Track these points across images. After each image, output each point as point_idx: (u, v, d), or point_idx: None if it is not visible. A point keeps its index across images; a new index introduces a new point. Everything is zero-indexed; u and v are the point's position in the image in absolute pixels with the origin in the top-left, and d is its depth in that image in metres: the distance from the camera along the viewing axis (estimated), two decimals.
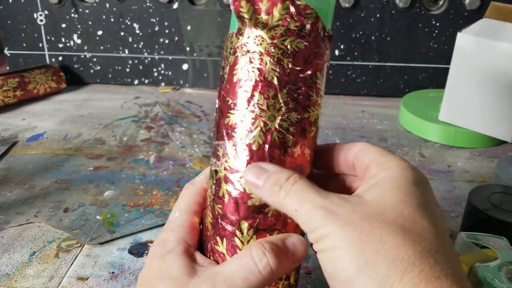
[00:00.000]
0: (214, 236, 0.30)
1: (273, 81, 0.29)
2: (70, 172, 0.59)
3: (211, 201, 0.30)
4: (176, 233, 0.31)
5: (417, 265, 0.22)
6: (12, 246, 0.46)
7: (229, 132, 0.29)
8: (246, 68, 0.29)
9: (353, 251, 0.23)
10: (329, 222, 0.24)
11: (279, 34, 0.29)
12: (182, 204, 0.32)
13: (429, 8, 0.77)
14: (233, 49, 0.29)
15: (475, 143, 0.66)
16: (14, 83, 0.76)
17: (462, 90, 0.65)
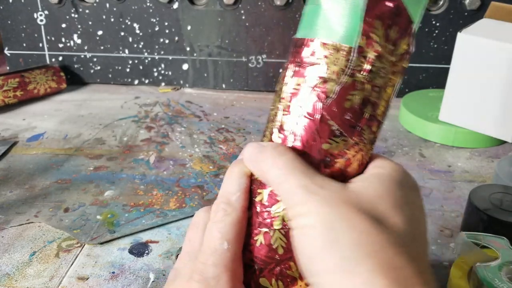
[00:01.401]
0: (288, 261, 0.27)
1: (379, 117, 0.27)
2: (70, 172, 0.59)
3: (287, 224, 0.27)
4: (230, 271, 0.27)
5: (380, 253, 0.22)
6: (13, 246, 0.46)
7: (327, 159, 0.27)
8: (363, 98, 0.26)
9: (322, 229, 0.23)
10: (308, 201, 0.24)
11: (398, 71, 0.27)
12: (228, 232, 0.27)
13: (429, 8, 0.77)
14: (352, 70, 0.26)
15: (475, 143, 0.66)
16: (14, 83, 0.76)
17: (462, 90, 0.65)
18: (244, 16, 0.80)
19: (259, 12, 0.80)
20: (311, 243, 0.23)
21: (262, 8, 0.79)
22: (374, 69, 0.26)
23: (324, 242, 0.23)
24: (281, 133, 0.28)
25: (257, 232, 0.28)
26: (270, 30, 0.80)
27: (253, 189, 0.29)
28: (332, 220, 0.23)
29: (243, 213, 0.28)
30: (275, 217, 0.27)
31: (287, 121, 0.28)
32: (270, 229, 0.27)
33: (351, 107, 0.26)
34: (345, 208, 0.24)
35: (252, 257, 0.28)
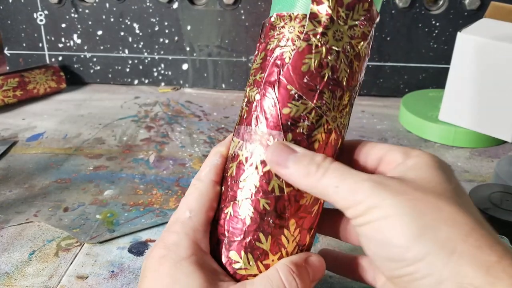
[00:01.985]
0: (256, 232, 0.27)
1: (342, 82, 0.28)
2: (70, 172, 0.58)
3: (254, 193, 0.28)
4: (190, 238, 0.28)
5: (477, 230, 0.22)
6: (12, 245, 0.46)
7: (288, 124, 0.27)
8: (319, 61, 0.27)
9: (409, 217, 0.23)
10: (379, 192, 0.24)
11: (357, 35, 0.28)
12: (193, 202, 0.29)
13: (429, 8, 0.77)
14: (306, 35, 0.27)
15: (475, 143, 0.66)
16: (14, 83, 0.76)
17: (462, 90, 0.65)
18: (244, 16, 0.80)
19: (259, 12, 0.80)
20: (400, 233, 0.23)
21: (262, 8, 0.79)
22: (328, 32, 0.27)
23: (415, 229, 0.22)
24: (247, 106, 0.29)
25: (227, 205, 0.28)
26: None
27: (226, 166, 0.30)
28: (415, 207, 0.23)
29: (211, 186, 0.29)
30: (243, 187, 0.28)
31: (252, 93, 0.28)
32: (238, 200, 0.28)
33: (308, 70, 0.27)
34: (422, 194, 0.24)
35: (222, 230, 0.28)
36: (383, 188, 0.24)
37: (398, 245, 0.23)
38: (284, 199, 0.27)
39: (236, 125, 0.30)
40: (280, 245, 0.28)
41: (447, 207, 0.23)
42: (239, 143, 0.29)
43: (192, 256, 0.27)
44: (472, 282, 0.21)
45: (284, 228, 0.28)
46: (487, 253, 0.22)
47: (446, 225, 0.22)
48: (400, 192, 0.24)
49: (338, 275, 0.38)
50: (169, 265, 0.26)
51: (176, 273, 0.26)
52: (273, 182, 0.27)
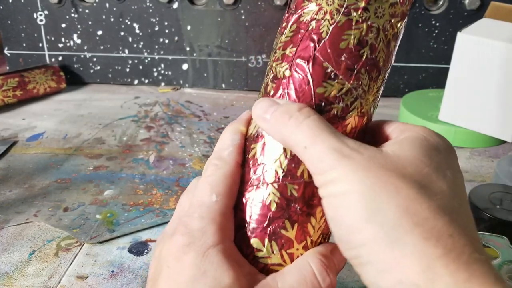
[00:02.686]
0: (282, 219, 0.26)
1: (379, 63, 0.26)
2: (70, 172, 0.58)
3: (281, 177, 0.26)
4: (217, 223, 0.25)
5: (430, 220, 0.21)
6: (12, 245, 0.46)
7: (321, 105, 0.25)
8: (359, 38, 0.25)
9: (364, 197, 0.21)
10: (342, 165, 0.22)
11: (397, 14, 0.26)
12: (219, 185, 0.26)
13: (429, 8, 0.77)
14: (347, 9, 0.25)
15: (475, 143, 0.66)
16: (14, 83, 0.76)
17: (462, 90, 0.65)
18: (244, 16, 0.80)
19: (259, 12, 0.80)
20: (351, 212, 0.21)
21: (262, 8, 0.79)
22: (370, 7, 0.25)
23: (366, 211, 0.21)
24: (274, 82, 0.26)
25: (249, 189, 0.26)
26: (270, 30, 0.80)
27: (247, 146, 0.27)
28: (373, 186, 0.21)
29: (236, 167, 0.27)
30: (268, 170, 0.26)
31: (281, 69, 0.26)
32: (263, 183, 0.26)
33: (346, 47, 0.25)
34: (386, 173, 0.22)
35: (244, 216, 0.26)
36: (347, 161, 0.22)
37: (347, 224, 0.22)
38: (312, 185, 0.25)
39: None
40: (306, 233, 0.26)
41: (406, 190, 0.21)
42: None
43: (219, 245, 0.25)
44: (409, 277, 0.20)
45: (311, 216, 0.26)
46: (433, 245, 0.20)
47: (397, 211, 0.21)
48: (363, 168, 0.22)
49: (338, 275, 0.38)
50: (195, 254, 0.24)
51: (203, 264, 0.24)
52: (302, 167, 0.25)
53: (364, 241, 0.21)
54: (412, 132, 0.25)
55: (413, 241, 0.20)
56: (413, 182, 0.22)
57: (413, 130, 0.25)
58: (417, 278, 0.20)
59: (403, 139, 0.24)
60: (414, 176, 0.22)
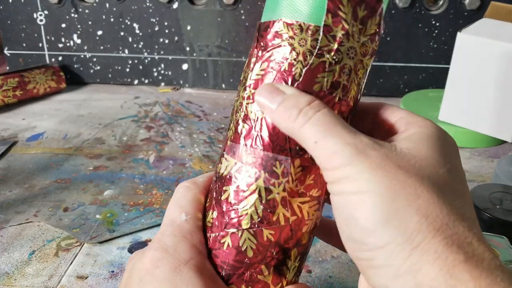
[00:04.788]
0: (259, 265, 0.26)
1: (350, 103, 0.25)
2: (70, 172, 0.58)
3: (257, 223, 0.25)
4: (189, 241, 0.26)
5: (451, 227, 0.20)
6: (12, 245, 0.46)
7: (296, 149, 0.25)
8: (332, 81, 0.25)
9: (381, 198, 0.20)
10: (358, 162, 0.21)
11: (368, 52, 0.25)
12: (188, 205, 0.27)
13: (429, 8, 0.77)
14: (320, 50, 0.24)
15: (475, 143, 0.66)
16: (14, 83, 0.76)
17: (462, 90, 0.65)
18: (244, 16, 0.80)
19: (259, 12, 0.79)
20: (367, 213, 0.21)
21: (262, 8, 0.79)
22: (343, 49, 0.24)
23: (384, 213, 0.20)
24: (246, 122, 0.26)
25: (223, 234, 0.26)
26: None
27: (218, 187, 0.27)
28: (392, 188, 0.21)
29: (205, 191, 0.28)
30: (243, 215, 0.25)
31: (253, 109, 0.26)
32: (238, 229, 0.25)
33: (320, 90, 0.24)
34: (404, 174, 0.21)
35: (219, 262, 0.26)
36: (363, 158, 0.21)
37: (362, 226, 0.21)
38: (288, 229, 0.25)
39: (229, 141, 0.27)
40: (282, 275, 0.26)
41: (426, 194, 0.21)
42: (236, 165, 0.26)
43: (191, 261, 0.25)
44: (431, 284, 0.19)
45: (287, 258, 0.26)
46: (454, 251, 0.20)
47: (418, 215, 0.20)
48: (380, 167, 0.21)
49: (338, 275, 0.38)
50: (168, 269, 0.24)
51: (174, 279, 0.24)
52: (279, 211, 0.25)
53: (381, 244, 0.20)
54: (422, 127, 0.24)
55: (435, 247, 0.20)
56: (432, 185, 0.21)
57: (423, 125, 0.24)
58: (436, 283, 0.19)
59: (415, 135, 0.23)
60: (432, 178, 0.21)
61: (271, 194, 0.25)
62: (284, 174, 0.25)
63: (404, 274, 0.20)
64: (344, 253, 0.45)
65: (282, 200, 0.25)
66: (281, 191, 0.25)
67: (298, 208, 0.25)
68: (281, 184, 0.25)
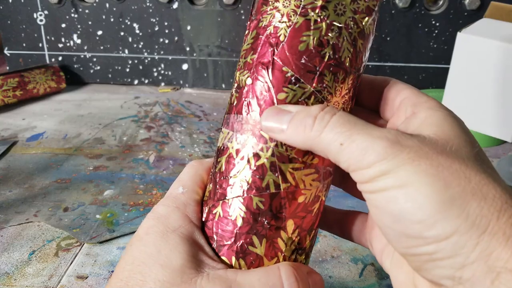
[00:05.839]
0: (249, 234, 0.25)
1: (345, 63, 0.24)
2: (70, 172, 0.58)
3: (246, 190, 0.24)
4: (181, 210, 0.26)
5: (510, 204, 0.19)
6: (12, 245, 0.46)
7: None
8: (319, 39, 0.24)
9: (431, 187, 0.19)
10: (395, 155, 0.20)
11: (361, 10, 0.24)
12: (187, 179, 0.28)
13: (429, 8, 0.77)
14: (303, 9, 0.24)
15: None
16: (14, 83, 0.76)
17: (462, 90, 0.65)
18: (244, 16, 0.80)
19: None
20: (420, 207, 0.19)
21: None
22: (329, 5, 0.24)
23: (440, 204, 0.19)
24: (237, 91, 0.25)
25: (216, 205, 0.26)
26: None
27: (214, 161, 0.27)
28: (440, 175, 0.19)
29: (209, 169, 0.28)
30: (233, 184, 0.25)
31: (243, 77, 0.25)
32: (228, 198, 0.25)
33: (306, 49, 0.24)
34: (447, 159, 0.20)
35: (211, 233, 0.26)
36: (400, 149, 0.20)
37: (417, 220, 0.20)
38: (280, 196, 0.24)
39: (225, 114, 0.27)
40: (276, 249, 0.25)
41: (475, 175, 0.20)
42: (229, 134, 0.25)
43: (180, 228, 0.25)
44: (506, 265, 0.19)
45: (280, 229, 0.25)
46: None
47: (475, 199, 0.19)
48: (419, 156, 0.20)
49: (338, 276, 0.38)
50: (156, 235, 0.25)
51: (160, 244, 0.24)
52: (268, 178, 0.24)
53: (445, 236, 0.19)
54: (432, 109, 0.23)
55: (502, 228, 0.19)
56: (475, 165, 0.20)
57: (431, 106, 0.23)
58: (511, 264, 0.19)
59: (432, 118, 0.23)
60: (472, 158, 0.20)
61: (259, 160, 0.24)
62: (272, 138, 0.24)
63: (473, 261, 0.19)
64: (344, 253, 0.45)
65: (271, 166, 0.24)
66: (269, 156, 0.24)
67: (290, 174, 0.24)
68: (269, 149, 0.24)
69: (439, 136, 0.21)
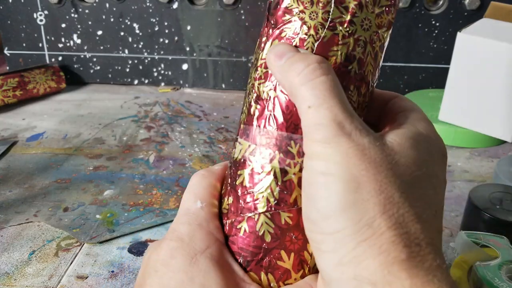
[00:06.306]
0: (277, 249, 0.25)
1: (367, 77, 0.25)
2: (70, 172, 0.58)
3: (273, 206, 0.24)
4: (205, 228, 0.25)
5: (403, 226, 0.20)
6: (12, 245, 0.46)
7: None
8: (346, 54, 0.24)
9: (345, 185, 0.20)
10: (336, 143, 0.21)
11: (383, 24, 0.25)
12: (203, 192, 0.26)
13: (429, 8, 0.77)
14: (332, 23, 0.23)
15: (475, 143, 0.66)
16: (14, 83, 0.76)
17: (462, 90, 0.65)
18: (244, 16, 0.80)
19: (259, 12, 0.79)
20: (328, 197, 0.21)
21: (262, 8, 0.79)
22: (356, 20, 0.24)
23: (344, 202, 0.20)
24: (258, 103, 0.25)
25: (240, 219, 0.25)
26: None
27: (233, 172, 0.26)
28: (359, 178, 0.20)
29: (220, 178, 0.27)
30: (259, 199, 0.25)
31: (265, 89, 0.25)
32: (255, 214, 0.25)
33: (334, 64, 0.24)
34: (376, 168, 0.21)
35: (237, 249, 0.25)
36: (344, 141, 0.21)
37: (319, 208, 0.21)
38: None
39: (242, 124, 0.26)
40: (303, 261, 0.25)
41: (389, 191, 0.20)
42: (250, 147, 0.25)
43: (208, 249, 0.24)
44: (369, 277, 0.20)
45: (307, 243, 0.25)
46: (399, 249, 0.20)
47: (373, 210, 0.20)
48: (355, 155, 0.21)
49: None
50: (184, 259, 0.23)
51: (191, 270, 0.23)
52: (296, 193, 0.24)
53: (331, 231, 0.21)
54: (417, 127, 0.24)
55: (381, 243, 0.20)
56: (399, 184, 0.21)
57: (419, 125, 0.24)
58: (374, 277, 0.20)
59: (406, 131, 0.23)
60: (403, 178, 0.21)
61: (287, 175, 0.24)
62: (300, 154, 0.24)
63: (346, 264, 0.20)
64: None
65: (299, 181, 0.24)
66: (297, 172, 0.24)
67: None
68: (297, 164, 0.24)
69: (392, 146, 0.22)
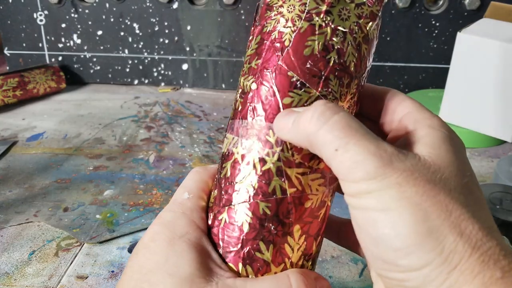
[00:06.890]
0: (255, 240, 0.24)
1: (350, 67, 0.24)
2: (70, 172, 0.58)
3: (252, 196, 0.24)
4: (188, 216, 0.26)
5: (485, 242, 0.19)
6: (12, 245, 0.46)
7: None
8: (324, 43, 0.24)
9: (413, 217, 0.19)
10: (384, 176, 0.20)
11: (365, 15, 0.25)
12: (192, 185, 0.27)
13: (429, 8, 0.77)
14: (308, 14, 0.24)
15: (475, 143, 0.66)
16: (14, 83, 0.76)
17: (462, 90, 0.65)
18: (244, 16, 0.80)
19: None
20: (398, 234, 0.19)
21: None
22: (333, 10, 0.24)
23: (418, 234, 0.19)
24: (242, 97, 0.26)
25: (221, 211, 0.25)
26: None
27: (219, 166, 0.27)
28: (423, 205, 0.19)
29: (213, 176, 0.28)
30: (239, 189, 0.25)
31: (248, 83, 0.25)
32: (234, 204, 0.25)
33: (311, 54, 0.24)
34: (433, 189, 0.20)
35: (217, 240, 0.25)
36: (391, 171, 0.20)
37: (393, 247, 0.20)
38: (287, 201, 0.24)
39: (230, 120, 0.27)
40: (283, 255, 0.25)
41: (457, 209, 0.20)
42: (234, 140, 0.25)
43: (187, 235, 0.25)
44: None
45: (287, 235, 0.24)
46: (491, 269, 0.19)
47: (453, 234, 0.19)
48: (408, 181, 0.20)
49: (338, 275, 0.38)
50: (162, 242, 0.24)
51: (167, 252, 0.24)
52: (274, 183, 0.24)
53: (417, 267, 0.19)
54: (433, 128, 0.23)
55: (472, 266, 0.19)
56: (459, 198, 0.20)
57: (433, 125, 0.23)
58: None
59: (435, 141, 0.22)
60: (458, 190, 0.20)
61: (265, 165, 0.24)
62: (278, 143, 0.24)
63: None
64: (344, 253, 0.45)
65: (277, 171, 0.24)
66: (275, 161, 0.24)
67: (296, 179, 0.24)
68: (275, 154, 0.24)
69: (433, 160, 0.21)
